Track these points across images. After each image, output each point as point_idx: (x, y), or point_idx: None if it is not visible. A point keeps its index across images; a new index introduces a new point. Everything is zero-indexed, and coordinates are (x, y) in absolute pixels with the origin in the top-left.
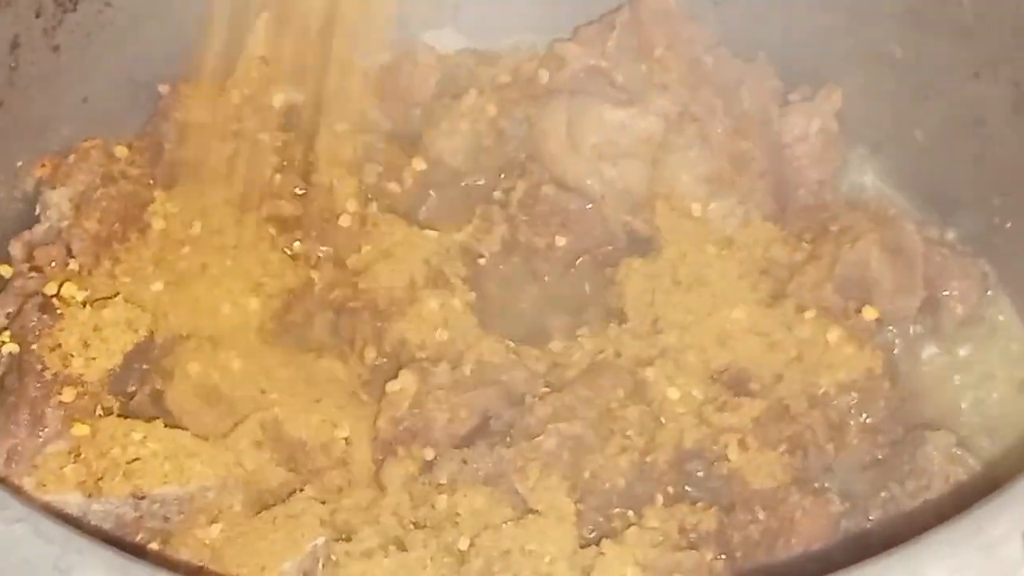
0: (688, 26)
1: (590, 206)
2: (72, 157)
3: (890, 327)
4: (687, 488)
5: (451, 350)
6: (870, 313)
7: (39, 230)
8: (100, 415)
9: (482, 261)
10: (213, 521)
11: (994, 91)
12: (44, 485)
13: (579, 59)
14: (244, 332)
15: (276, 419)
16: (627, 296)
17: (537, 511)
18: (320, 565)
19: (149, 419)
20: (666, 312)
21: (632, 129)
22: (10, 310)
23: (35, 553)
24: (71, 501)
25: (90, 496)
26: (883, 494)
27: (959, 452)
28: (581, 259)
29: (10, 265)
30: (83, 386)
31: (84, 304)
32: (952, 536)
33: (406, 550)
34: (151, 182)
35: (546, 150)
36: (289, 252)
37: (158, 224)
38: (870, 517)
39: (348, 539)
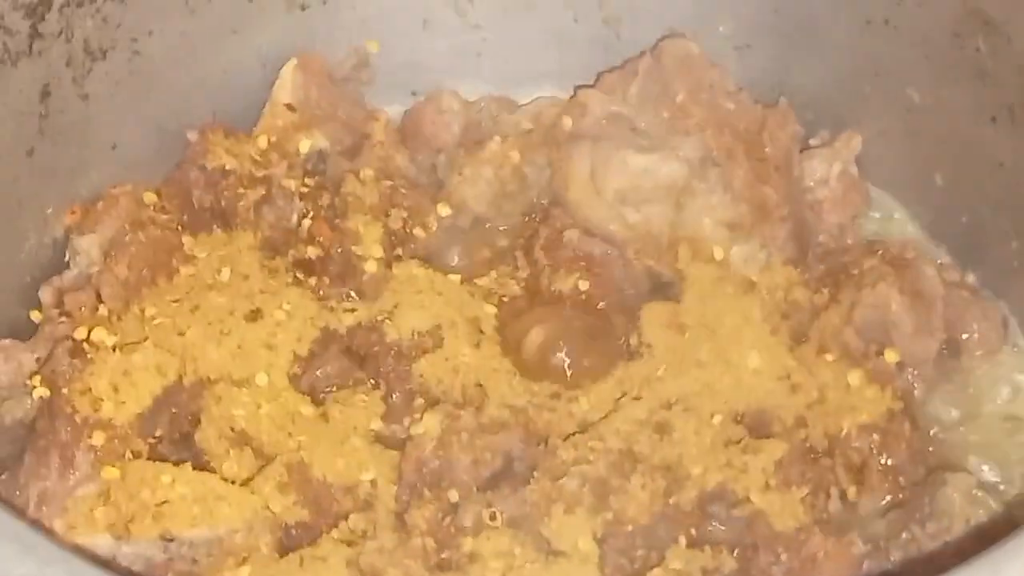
0: (710, 72)
1: (613, 251)
2: (101, 204)
3: (911, 369)
4: (710, 529)
5: (475, 393)
6: (891, 356)
7: (69, 276)
8: (129, 458)
9: (506, 306)
10: (241, 563)
11: (1012, 135)
12: (74, 527)
13: (602, 105)
14: (271, 376)
15: (302, 462)
16: (649, 339)
17: (561, 552)
18: None
19: (178, 462)
20: (688, 355)
21: (655, 174)
22: (41, 355)
23: None
24: (101, 543)
25: (120, 538)
26: (904, 535)
27: (979, 494)
28: (604, 303)
29: (40, 311)
30: (113, 429)
31: (114, 349)
32: None
33: None
34: (179, 228)
35: (569, 195)
36: (315, 297)
37: (186, 269)
38: (891, 558)
39: None
